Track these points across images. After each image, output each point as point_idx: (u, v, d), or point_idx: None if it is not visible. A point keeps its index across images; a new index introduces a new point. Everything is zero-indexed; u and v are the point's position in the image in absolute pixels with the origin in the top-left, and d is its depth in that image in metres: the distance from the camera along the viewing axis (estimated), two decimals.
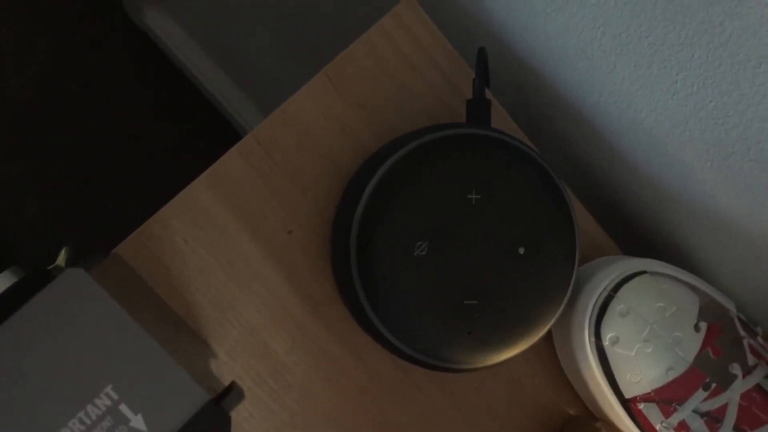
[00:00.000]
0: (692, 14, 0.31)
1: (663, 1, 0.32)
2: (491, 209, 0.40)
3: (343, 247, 0.40)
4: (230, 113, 1.16)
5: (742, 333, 0.44)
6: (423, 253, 0.39)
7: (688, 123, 0.37)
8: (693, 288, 0.45)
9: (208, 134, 1.21)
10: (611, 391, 0.43)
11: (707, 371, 0.42)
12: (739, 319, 0.45)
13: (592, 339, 0.42)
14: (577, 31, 0.39)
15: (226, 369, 0.42)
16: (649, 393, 0.42)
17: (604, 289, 0.43)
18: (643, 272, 0.43)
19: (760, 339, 0.45)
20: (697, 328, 0.43)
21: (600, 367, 0.43)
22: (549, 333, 0.46)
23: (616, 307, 0.42)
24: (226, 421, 0.29)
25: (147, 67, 1.23)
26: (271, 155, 0.43)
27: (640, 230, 0.50)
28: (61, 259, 0.33)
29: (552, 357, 0.47)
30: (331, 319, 0.43)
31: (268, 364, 0.43)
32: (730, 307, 0.45)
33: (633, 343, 0.42)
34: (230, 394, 0.31)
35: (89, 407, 0.28)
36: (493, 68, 0.50)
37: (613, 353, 0.42)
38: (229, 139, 0.43)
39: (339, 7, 0.61)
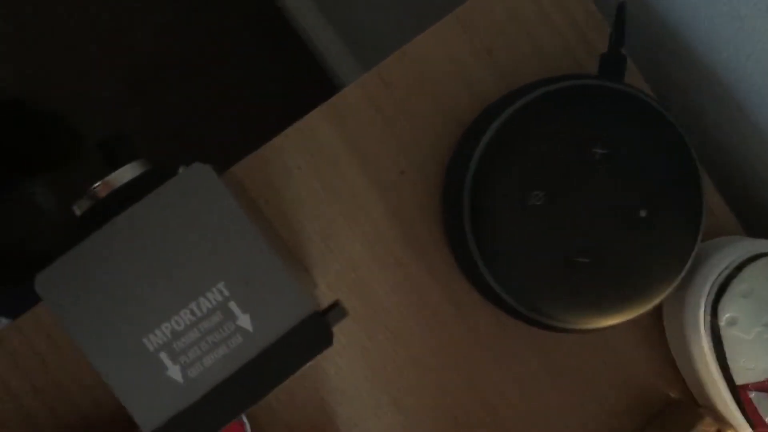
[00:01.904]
0: None
1: None
2: (616, 166, 0.38)
3: (457, 191, 0.39)
4: (338, 75, 1.17)
5: None
6: (539, 203, 0.38)
7: None
8: None
9: (310, 91, 1.23)
10: (721, 375, 0.40)
11: None
12: None
13: (708, 317, 0.40)
14: None
15: (325, 300, 0.43)
16: (764, 381, 0.39)
17: (727, 266, 0.40)
18: None
19: None
20: None
21: (712, 348, 0.40)
22: (658, 307, 0.44)
23: (738, 286, 0.40)
24: (328, 335, 0.29)
25: (263, 25, 1.25)
26: (391, 92, 0.43)
27: (767, 208, 0.47)
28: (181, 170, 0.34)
29: (658, 333, 0.44)
30: (435, 265, 0.43)
31: (366, 301, 0.43)
32: None
33: (752, 326, 0.39)
34: (334, 309, 0.30)
35: (201, 299, 0.28)
36: (632, 30, 0.48)
37: (729, 335, 0.40)
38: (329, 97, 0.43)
39: None
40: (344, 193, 0.43)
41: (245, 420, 0.39)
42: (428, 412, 0.43)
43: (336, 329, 0.43)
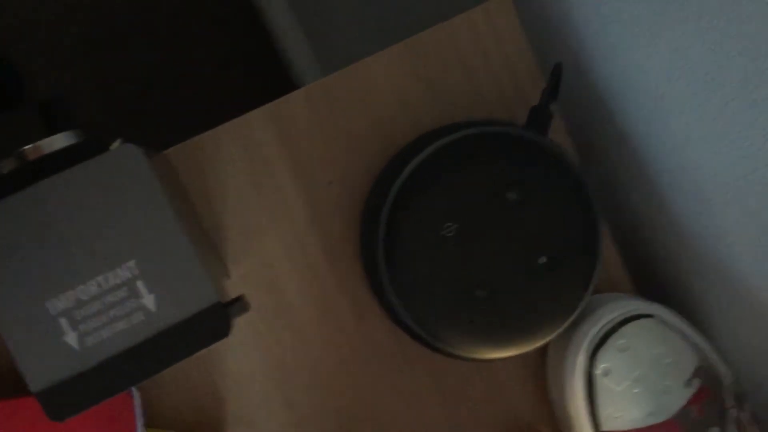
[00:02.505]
0: (766, 79, 0.32)
1: (740, 60, 0.33)
2: (525, 213, 0.41)
3: (376, 209, 0.42)
4: (297, 73, 1.18)
5: (731, 403, 0.45)
6: (450, 234, 0.40)
7: (737, 182, 0.38)
8: (695, 346, 0.45)
9: (269, 85, 1.24)
10: (590, 419, 0.43)
11: (686, 427, 0.43)
12: (732, 391, 0.45)
13: (585, 365, 0.43)
14: (657, 69, 0.40)
15: (235, 292, 0.44)
16: (628, 431, 0.43)
17: (610, 321, 0.43)
18: (652, 316, 0.44)
19: (747, 415, 0.46)
20: (688, 383, 0.43)
21: (585, 394, 0.43)
22: (544, 348, 0.47)
23: (617, 340, 0.43)
24: (227, 327, 0.31)
25: (232, 14, 1.26)
26: (332, 106, 0.45)
27: (658, 275, 0.51)
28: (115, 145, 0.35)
29: (542, 373, 0.47)
30: (346, 275, 0.45)
31: (274, 299, 0.44)
32: (727, 375, 0.45)
33: (623, 379, 0.43)
34: (237, 303, 0.32)
35: (110, 274, 0.30)
36: (565, 90, 0.51)
37: (602, 384, 0.43)
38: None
39: None
40: (271, 193, 0.44)
41: (136, 394, 0.40)
42: (316, 415, 0.45)
43: (241, 322, 0.44)
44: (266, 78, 1.27)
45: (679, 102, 0.40)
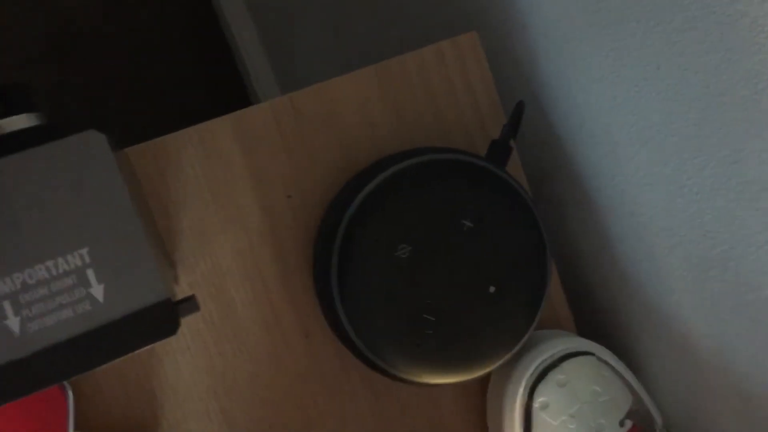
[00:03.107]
0: (718, 125, 0.34)
1: (698, 106, 0.35)
2: (479, 242, 0.41)
3: (332, 226, 0.42)
4: (252, 83, 1.18)
5: None
6: (404, 255, 0.40)
7: (681, 228, 0.40)
8: (630, 388, 0.46)
9: (229, 107, 1.24)
10: None
11: None
12: None
13: (524, 397, 0.44)
14: (613, 113, 0.42)
15: (181, 296, 0.43)
16: None
17: (552, 356, 0.44)
18: (592, 354, 0.45)
19: None
20: (622, 423, 0.44)
21: (522, 426, 0.44)
22: (486, 380, 0.48)
23: (557, 376, 0.44)
24: (175, 325, 0.30)
25: (196, 25, 1.26)
26: (298, 121, 0.45)
27: (602, 316, 0.52)
28: None
29: (481, 404, 0.48)
30: (296, 291, 0.45)
31: (222, 308, 0.44)
32: (658, 419, 0.47)
33: (560, 414, 0.43)
34: (187, 302, 0.32)
35: (60, 260, 0.29)
36: (523, 126, 0.53)
37: (539, 417, 0.44)
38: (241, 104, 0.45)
39: (405, 17, 0.64)
40: (229, 201, 0.44)
41: (69, 390, 0.39)
42: (253, 429, 0.44)
43: (185, 329, 0.44)
44: (228, 100, 1.27)
45: (632, 146, 0.41)
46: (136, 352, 0.31)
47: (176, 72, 1.26)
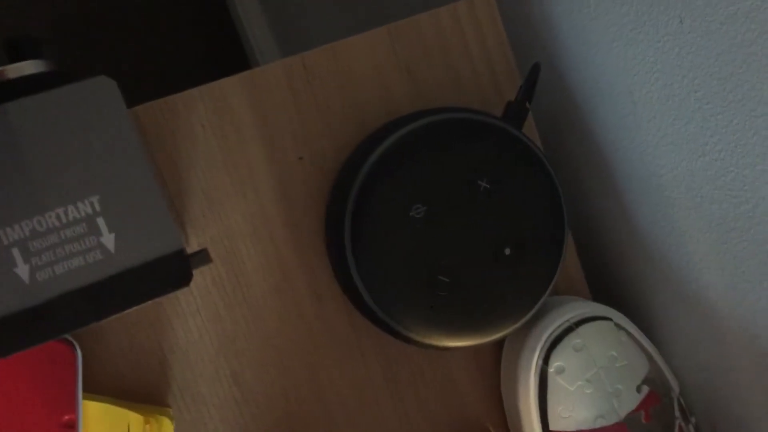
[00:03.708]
0: (745, 77, 0.33)
1: (723, 59, 0.34)
2: (496, 203, 0.41)
3: (346, 186, 0.41)
4: (256, 54, 1.17)
5: (678, 414, 0.45)
6: (418, 216, 0.40)
7: (702, 189, 0.39)
8: (647, 354, 0.46)
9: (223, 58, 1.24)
10: (539, 417, 0.43)
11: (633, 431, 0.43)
12: (679, 402, 0.46)
13: (540, 362, 0.43)
14: (633, 72, 0.41)
15: None
16: None
17: (567, 320, 0.44)
18: (609, 319, 0.44)
19: (691, 427, 0.46)
20: (639, 389, 0.43)
21: (537, 391, 0.43)
22: (499, 346, 0.47)
23: (573, 340, 0.43)
24: (188, 276, 0.30)
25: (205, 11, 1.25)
26: (310, 81, 0.44)
27: (617, 282, 0.52)
28: None
29: (494, 370, 0.47)
30: (307, 253, 0.44)
31: (232, 271, 0.43)
32: (674, 386, 0.46)
33: (576, 378, 0.43)
34: (200, 254, 0.31)
35: (70, 207, 0.28)
36: (539, 89, 0.52)
37: (554, 382, 0.43)
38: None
39: None
40: (240, 162, 0.43)
41: (78, 350, 0.38)
42: (264, 392, 0.44)
43: (195, 292, 0.43)
44: (226, 71, 1.26)
45: (653, 106, 0.40)
46: (148, 304, 0.30)
47: (182, 54, 1.25)
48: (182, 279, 0.30)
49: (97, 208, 0.29)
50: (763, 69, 0.32)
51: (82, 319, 0.28)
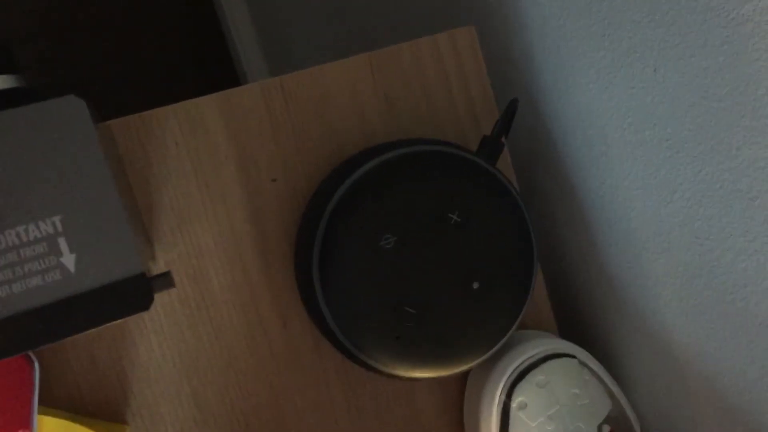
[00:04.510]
0: (714, 131, 0.33)
1: (694, 112, 0.34)
2: (466, 236, 0.41)
3: (317, 212, 0.41)
4: (243, 65, 1.17)
5: None
6: (388, 246, 0.40)
7: (670, 234, 0.39)
8: (610, 393, 0.46)
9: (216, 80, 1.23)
10: None
11: None
12: None
13: (503, 396, 0.43)
14: (607, 115, 0.41)
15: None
16: None
17: (532, 356, 0.44)
18: (573, 356, 0.44)
19: None
20: (600, 428, 0.44)
21: (499, 426, 0.43)
22: (463, 378, 0.47)
23: (537, 376, 0.43)
24: (148, 300, 0.30)
25: (189, 9, 1.25)
26: (288, 104, 0.44)
27: (584, 319, 0.52)
28: None
29: (459, 401, 0.47)
30: (276, 276, 0.44)
31: (199, 290, 0.43)
32: (636, 427, 0.46)
33: (538, 415, 0.43)
34: (162, 277, 0.31)
35: (31, 225, 0.28)
36: (516, 124, 0.52)
37: (516, 417, 0.43)
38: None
39: (403, 8, 0.63)
40: (212, 181, 0.43)
41: (35, 363, 0.37)
42: (224, 414, 0.43)
43: (159, 309, 0.43)
44: (219, 86, 1.26)
45: (626, 149, 0.41)
46: (107, 325, 0.30)
47: (167, 56, 1.25)
48: (143, 302, 0.29)
49: (59, 228, 0.28)
50: (732, 124, 0.32)
51: (38, 339, 0.28)
